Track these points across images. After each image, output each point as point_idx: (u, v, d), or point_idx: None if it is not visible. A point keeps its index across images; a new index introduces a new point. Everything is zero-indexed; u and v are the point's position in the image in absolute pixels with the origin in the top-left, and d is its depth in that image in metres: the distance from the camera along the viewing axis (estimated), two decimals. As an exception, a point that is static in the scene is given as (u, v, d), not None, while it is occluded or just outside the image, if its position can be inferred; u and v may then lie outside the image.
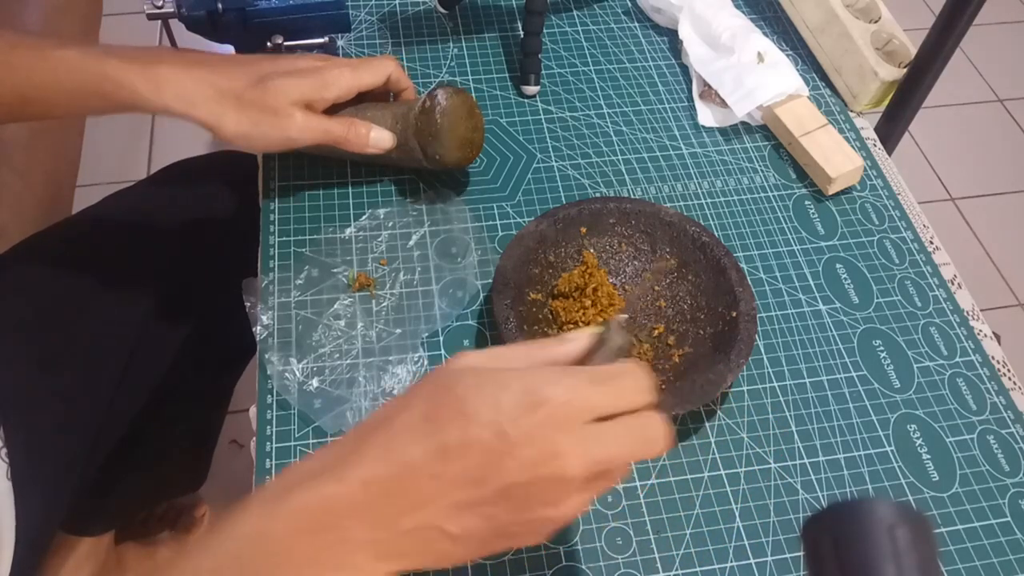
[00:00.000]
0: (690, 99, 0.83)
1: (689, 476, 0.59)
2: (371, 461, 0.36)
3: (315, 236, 0.69)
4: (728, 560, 0.56)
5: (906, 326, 0.68)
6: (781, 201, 0.76)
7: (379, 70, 0.67)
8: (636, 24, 0.90)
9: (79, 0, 1.09)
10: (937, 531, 0.58)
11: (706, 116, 0.81)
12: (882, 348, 0.67)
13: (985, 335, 0.69)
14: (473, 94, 0.81)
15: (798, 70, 0.82)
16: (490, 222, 0.72)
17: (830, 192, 0.75)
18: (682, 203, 0.75)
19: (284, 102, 0.61)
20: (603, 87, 0.83)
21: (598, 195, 0.74)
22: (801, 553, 0.55)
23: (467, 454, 0.35)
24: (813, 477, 0.60)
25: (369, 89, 0.67)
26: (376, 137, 0.66)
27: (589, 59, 0.86)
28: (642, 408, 0.38)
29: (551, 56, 0.85)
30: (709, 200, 0.75)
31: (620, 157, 0.78)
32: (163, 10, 0.74)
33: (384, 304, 0.66)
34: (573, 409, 0.36)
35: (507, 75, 0.83)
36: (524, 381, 0.36)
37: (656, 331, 0.64)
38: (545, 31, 0.86)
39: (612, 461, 0.37)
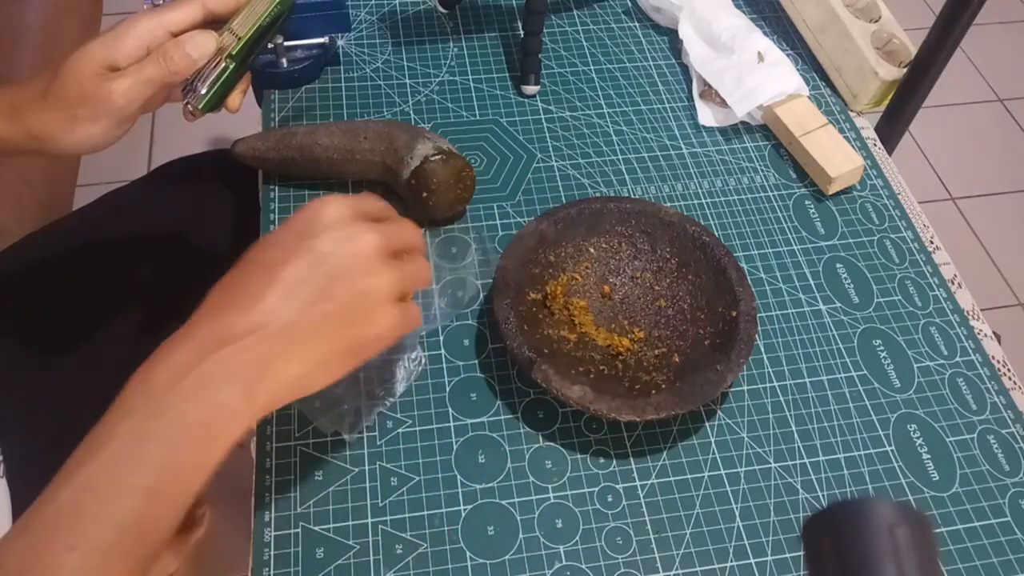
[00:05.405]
0: (690, 99, 0.83)
1: (689, 476, 0.59)
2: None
3: (315, 236, 0.69)
4: (728, 560, 0.56)
5: (906, 326, 0.68)
6: (781, 201, 0.76)
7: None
8: (636, 24, 0.90)
9: (80, 0, 1.09)
10: (937, 531, 0.58)
11: (706, 116, 0.81)
12: (882, 348, 0.67)
13: (985, 335, 0.69)
14: (473, 93, 0.81)
15: (798, 70, 0.82)
16: (490, 222, 0.72)
17: (830, 192, 0.75)
18: (682, 203, 0.75)
19: (86, 80, 0.54)
20: (603, 87, 0.83)
21: (598, 195, 0.74)
22: (801, 553, 0.55)
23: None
24: (813, 477, 0.60)
25: (186, 25, 0.57)
26: (195, 48, 0.56)
27: (589, 59, 0.86)
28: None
29: (551, 56, 0.85)
30: (709, 200, 0.75)
31: (620, 157, 0.78)
32: (163, 10, 0.74)
33: (384, 304, 0.66)
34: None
35: (507, 75, 0.83)
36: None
37: (656, 331, 0.64)
38: (545, 31, 0.86)
39: (406, 283, 0.47)
